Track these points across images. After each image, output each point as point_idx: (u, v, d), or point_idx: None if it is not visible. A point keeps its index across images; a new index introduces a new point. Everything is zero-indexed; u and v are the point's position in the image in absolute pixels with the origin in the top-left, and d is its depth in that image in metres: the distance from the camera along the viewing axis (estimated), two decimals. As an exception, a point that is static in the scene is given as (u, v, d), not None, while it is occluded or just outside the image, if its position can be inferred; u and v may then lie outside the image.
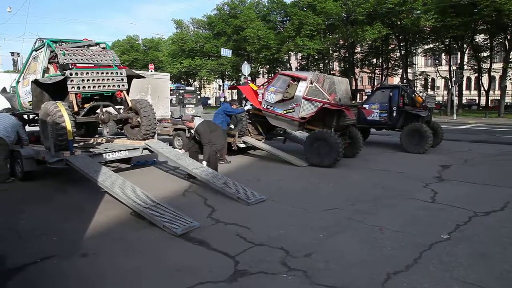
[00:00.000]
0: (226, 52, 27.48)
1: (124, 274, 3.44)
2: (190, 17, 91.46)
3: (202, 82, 61.17)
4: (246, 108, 9.78)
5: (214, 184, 6.12)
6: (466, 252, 3.82)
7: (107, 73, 6.90)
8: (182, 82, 53.86)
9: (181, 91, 19.49)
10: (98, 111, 7.15)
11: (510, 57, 33.13)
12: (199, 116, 9.34)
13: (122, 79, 7.14)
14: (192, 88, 23.04)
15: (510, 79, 38.28)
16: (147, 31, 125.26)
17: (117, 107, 7.61)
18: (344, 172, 7.95)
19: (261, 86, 10.31)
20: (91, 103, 7.03)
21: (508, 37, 32.83)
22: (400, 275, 3.31)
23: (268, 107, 9.41)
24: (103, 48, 7.39)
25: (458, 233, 4.37)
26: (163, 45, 61.86)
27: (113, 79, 6.98)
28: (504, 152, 10.82)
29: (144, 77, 8.56)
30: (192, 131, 7.52)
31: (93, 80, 6.67)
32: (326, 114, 8.59)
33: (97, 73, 6.74)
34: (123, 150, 7.06)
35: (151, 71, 23.26)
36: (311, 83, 8.76)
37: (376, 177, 7.48)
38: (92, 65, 6.74)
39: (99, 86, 6.80)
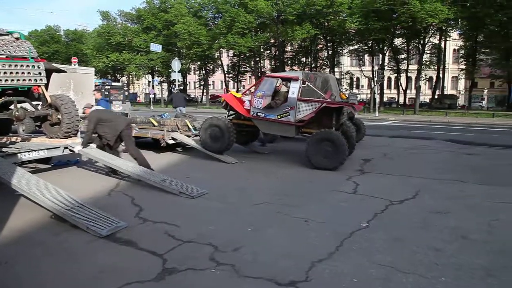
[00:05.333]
0: (155, 47, 26.74)
1: (43, 280, 3.23)
2: (117, 9, 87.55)
3: (131, 78, 58.80)
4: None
5: (153, 181, 6.04)
6: (383, 237, 4.14)
7: (22, 65, 6.36)
8: (109, 77, 51.36)
9: (107, 87, 18.55)
10: (12, 107, 6.57)
11: (423, 60, 36.55)
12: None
13: (40, 73, 6.63)
14: (120, 84, 22.07)
15: (424, 79, 42.15)
16: (70, 22, 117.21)
17: (34, 103, 7.05)
18: (273, 167, 8.16)
19: (245, 93, 9.64)
20: (3, 98, 6.44)
21: (422, 42, 36.09)
22: (323, 263, 3.49)
23: (258, 114, 8.61)
24: (17, 38, 6.78)
25: (376, 221, 4.72)
26: (88, 38, 58.47)
27: (29, 72, 6.45)
28: (418, 146, 11.86)
29: (65, 71, 8.04)
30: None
31: (5, 73, 6.10)
32: (323, 114, 8.06)
33: (10, 65, 6.18)
34: (41, 150, 6.56)
35: (74, 65, 21.87)
36: (303, 82, 8.22)
37: (303, 172, 7.79)
38: (4, 56, 6.16)
39: (12, 80, 6.23)
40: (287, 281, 3.15)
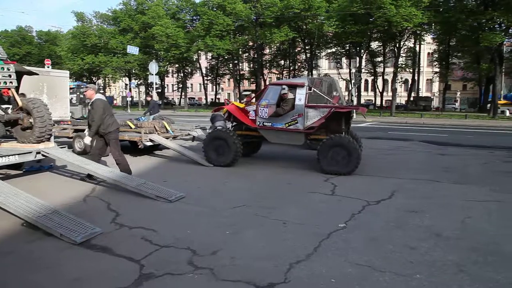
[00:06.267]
0: (132, 50, 26.27)
1: (13, 290, 3.12)
2: (92, 10, 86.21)
3: (107, 81, 57.81)
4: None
5: (130, 186, 5.94)
6: (359, 237, 4.20)
7: None
8: (84, 80, 50.35)
9: (82, 90, 18.20)
10: (-20, 111, 6.37)
11: (399, 63, 37.43)
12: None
13: (10, 75, 6.44)
14: (95, 87, 21.59)
15: (399, 82, 43.16)
16: (43, 23, 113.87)
17: (4, 106, 6.85)
18: (251, 170, 8.17)
19: (249, 103, 9.29)
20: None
21: (397, 45, 36.96)
22: (301, 264, 3.51)
23: (264, 123, 8.39)
24: (-15, 39, 6.58)
25: (353, 221, 4.78)
26: (62, 39, 57.16)
27: None
28: (394, 147, 12.11)
29: (37, 74, 7.85)
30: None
31: (-28, 75, 5.92)
32: (331, 119, 7.94)
33: None
34: (12, 155, 6.36)
35: (48, 67, 21.29)
36: (310, 88, 8.03)
37: (282, 174, 7.83)
38: (-29, 58, 5.98)
39: None
40: (266, 283, 3.15)
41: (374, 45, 42.28)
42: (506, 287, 3.13)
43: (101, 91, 20.55)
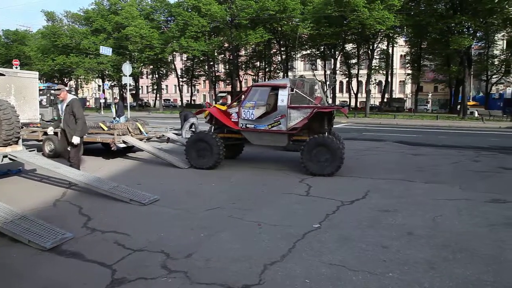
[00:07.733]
0: (105, 51, 25.64)
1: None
2: (63, 10, 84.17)
3: (79, 82, 56.43)
4: None
5: (102, 189, 5.81)
6: (333, 237, 4.24)
7: None
8: (56, 82, 48.98)
9: (52, 91, 17.70)
10: None
11: (373, 65, 38.26)
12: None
13: (-26, 76, 6.18)
14: (67, 88, 21.11)
15: (373, 83, 44.14)
16: (10, 22, 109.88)
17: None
18: (226, 172, 8.13)
19: (231, 105, 9.05)
20: None
21: (371, 47, 37.76)
22: (276, 265, 3.51)
23: (247, 125, 8.29)
24: None
25: (327, 221, 4.82)
26: (31, 39, 55.44)
27: None
28: (369, 148, 12.33)
29: (3, 75, 7.57)
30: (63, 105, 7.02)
31: None
32: (314, 119, 7.95)
33: None
34: (-23, 159, 6.12)
35: (16, 68, 20.63)
36: (292, 90, 8.01)
37: (257, 176, 7.83)
38: None
39: None
40: (240, 285, 3.13)
41: (349, 47, 43.09)
42: (474, 282, 3.22)
43: (73, 93, 20.06)
